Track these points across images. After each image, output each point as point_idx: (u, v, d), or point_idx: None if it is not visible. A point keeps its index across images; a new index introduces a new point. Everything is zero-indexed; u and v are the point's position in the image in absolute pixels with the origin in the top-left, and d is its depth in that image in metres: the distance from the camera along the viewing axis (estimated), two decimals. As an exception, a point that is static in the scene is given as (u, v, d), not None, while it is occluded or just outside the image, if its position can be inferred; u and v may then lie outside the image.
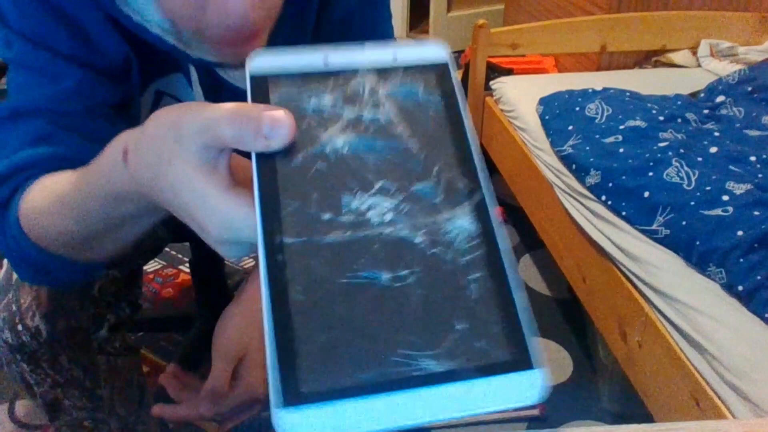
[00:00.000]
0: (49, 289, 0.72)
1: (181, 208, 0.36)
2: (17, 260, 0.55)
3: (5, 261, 0.75)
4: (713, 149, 1.22)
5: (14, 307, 0.72)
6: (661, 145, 1.23)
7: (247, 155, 0.33)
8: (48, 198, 0.50)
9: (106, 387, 0.81)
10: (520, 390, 0.28)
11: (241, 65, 0.45)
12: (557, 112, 1.48)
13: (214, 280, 1.36)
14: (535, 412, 1.33)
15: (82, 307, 0.75)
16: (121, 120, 0.60)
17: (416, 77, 0.35)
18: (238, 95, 0.66)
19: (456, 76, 0.36)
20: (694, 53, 1.90)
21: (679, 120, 1.37)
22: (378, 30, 0.75)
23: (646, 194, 1.13)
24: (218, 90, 0.66)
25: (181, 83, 0.69)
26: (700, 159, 1.18)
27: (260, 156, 0.32)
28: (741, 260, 0.96)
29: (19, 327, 0.71)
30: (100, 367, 0.80)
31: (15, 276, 0.73)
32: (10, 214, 0.52)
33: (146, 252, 0.93)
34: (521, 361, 0.28)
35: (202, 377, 1.49)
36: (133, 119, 0.64)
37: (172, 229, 1.01)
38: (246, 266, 1.76)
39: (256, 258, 0.60)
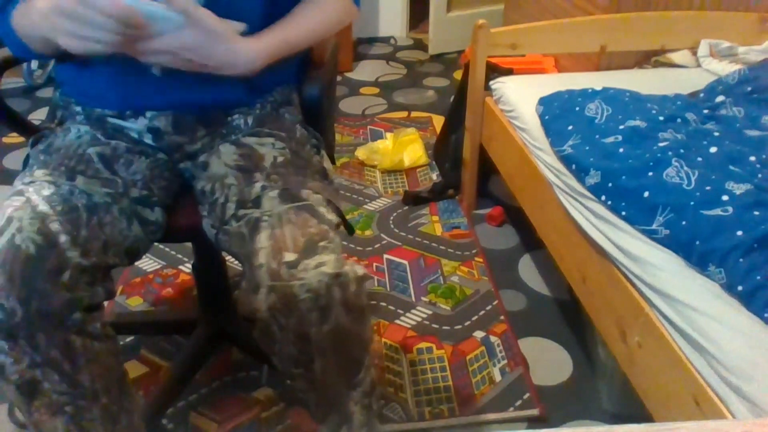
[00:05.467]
0: (22, 270, 0.77)
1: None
2: (10, 42, 0.90)
3: None
4: (713, 149, 1.22)
5: None
6: (661, 145, 1.23)
7: None
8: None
9: (85, 373, 0.82)
10: None
11: None
12: (557, 112, 1.48)
13: (216, 283, 1.35)
14: (535, 412, 1.33)
15: (54, 290, 0.78)
16: None
17: None
18: None
19: None
20: (694, 53, 1.90)
21: (679, 120, 1.37)
22: None
23: (646, 194, 1.13)
24: None
25: None
26: (699, 159, 1.18)
27: None
28: (741, 260, 0.96)
29: None
30: (77, 350, 0.81)
31: None
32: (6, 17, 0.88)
33: (121, 252, 0.92)
34: None
35: (203, 379, 1.49)
36: None
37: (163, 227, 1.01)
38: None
39: None
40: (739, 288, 0.94)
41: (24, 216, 0.81)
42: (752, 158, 1.18)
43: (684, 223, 1.05)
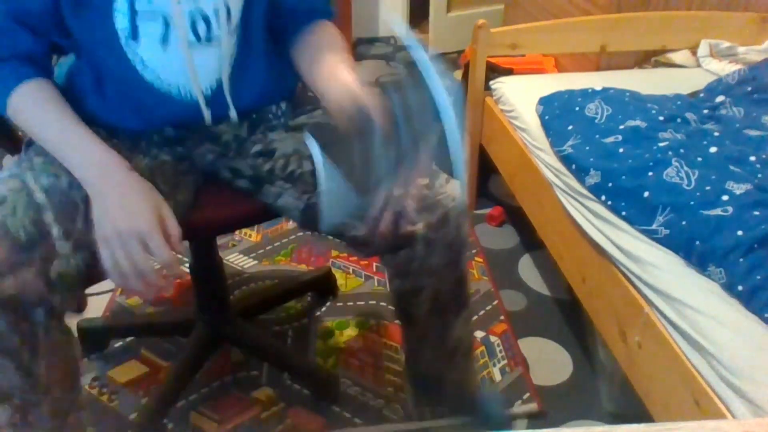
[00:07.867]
0: (7, 253, 0.77)
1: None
2: None
3: None
4: (713, 149, 1.22)
5: None
6: (661, 145, 1.23)
7: None
8: (34, 110, 0.87)
9: (42, 364, 0.81)
10: None
11: None
12: (557, 112, 1.48)
13: (214, 283, 1.35)
14: (534, 407, 1.33)
15: (34, 281, 0.77)
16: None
17: None
18: None
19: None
20: (694, 53, 1.90)
21: (679, 120, 1.37)
22: None
23: (646, 194, 1.13)
24: None
25: None
26: (699, 159, 1.18)
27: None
28: (741, 260, 0.96)
29: None
30: (39, 341, 0.80)
31: None
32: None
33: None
34: None
35: (203, 379, 1.49)
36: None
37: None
38: (246, 267, 1.76)
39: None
40: (739, 288, 0.94)
41: (19, 201, 0.81)
42: (752, 158, 1.18)
43: (684, 223, 1.05)
